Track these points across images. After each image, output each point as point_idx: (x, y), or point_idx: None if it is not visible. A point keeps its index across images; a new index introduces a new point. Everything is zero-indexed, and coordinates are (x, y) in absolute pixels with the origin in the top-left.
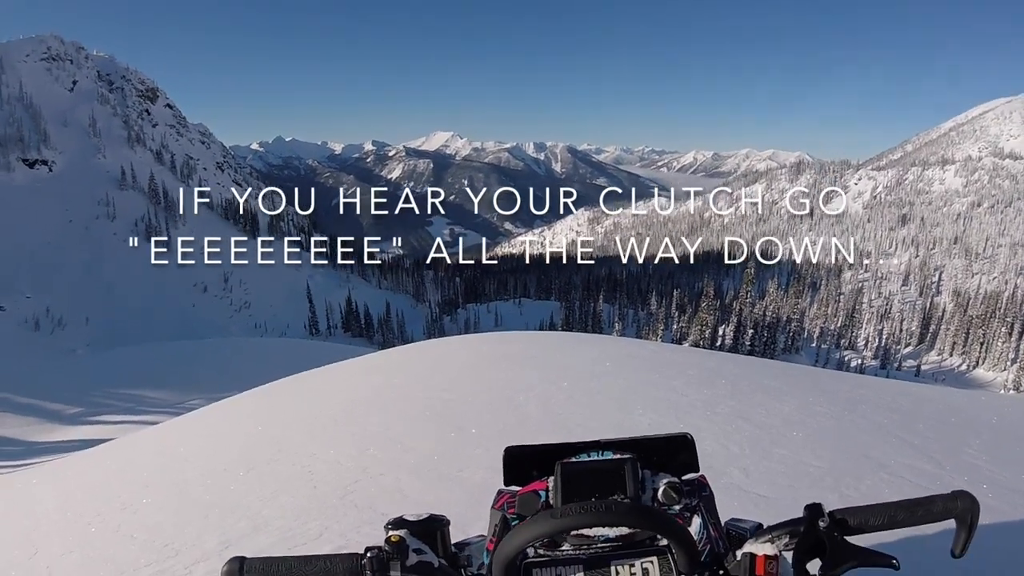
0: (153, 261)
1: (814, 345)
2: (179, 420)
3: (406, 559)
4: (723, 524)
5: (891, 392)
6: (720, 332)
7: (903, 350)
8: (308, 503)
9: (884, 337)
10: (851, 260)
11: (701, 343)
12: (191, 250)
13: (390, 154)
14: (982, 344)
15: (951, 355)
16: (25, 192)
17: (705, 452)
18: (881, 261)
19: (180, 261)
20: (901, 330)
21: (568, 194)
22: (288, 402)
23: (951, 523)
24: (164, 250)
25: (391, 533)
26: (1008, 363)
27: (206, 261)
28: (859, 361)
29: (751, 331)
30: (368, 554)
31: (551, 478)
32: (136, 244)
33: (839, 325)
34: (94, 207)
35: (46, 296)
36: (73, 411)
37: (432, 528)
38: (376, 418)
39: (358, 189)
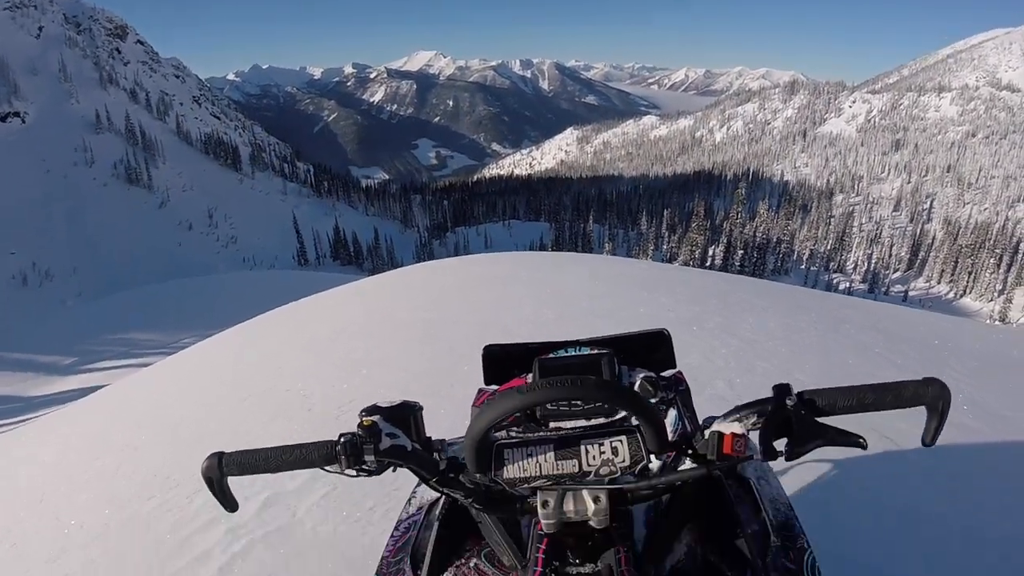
0: (135, 203)
1: (803, 267)
2: (172, 359)
3: (379, 443)
4: (701, 420)
5: (877, 313)
6: (710, 252)
7: (891, 275)
8: (304, 425)
9: (873, 262)
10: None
11: (691, 263)
12: (173, 188)
13: (371, 76)
14: (970, 274)
15: (939, 283)
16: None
17: (690, 365)
18: (873, 186)
19: (162, 200)
20: (890, 255)
21: (556, 112)
22: (279, 331)
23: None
24: (145, 191)
25: (364, 419)
26: (995, 294)
27: (189, 199)
28: (847, 284)
29: (741, 251)
30: (342, 440)
31: (529, 375)
32: (117, 188)
33: (828, 248)
34: (71, 154)
35: (31, 250)
36: (67, 362)
37: (405, 413)
38: (367, 341)
39: (340, 114)
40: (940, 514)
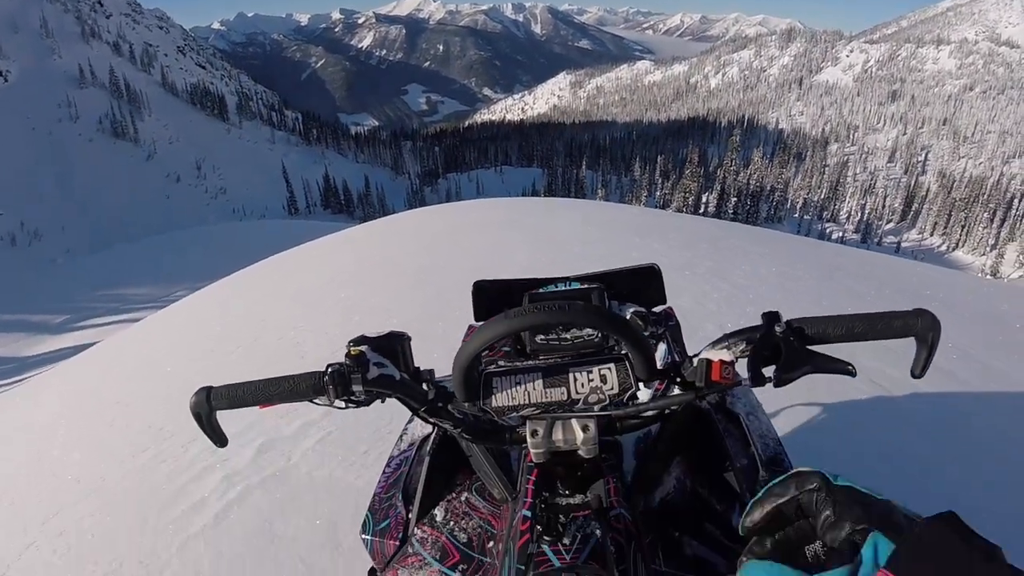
0: (122, 157)
1: (797, 216)
2: (163, 312)
3: (367, 373)
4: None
5: (869, 263)
6: (704, 199)
7: (884, 226)
8: (298, 371)
9: (867, 212)
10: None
11: (684, 209)
12: (160, 140)
13: (360, 22)
14: (963, 227)
15: (932, 235)
16: None
17: (682, 308)
18: (868, 136)
19: (149, 153)
20: (884, 206)
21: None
22: (270, 281)
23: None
24: (132, 144)
25: (351, 348)
26: (987, 248)
27: (176, 151)
28: (840, 234)
29: (734, 199)
30: (329, 370)
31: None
32: (103, 142)
33: (822, 197)
34: (55, 110)
35: (18, 210)
36: (59, 320)
37: (393, 343)
38: (359, 288)
39: (328, 60)
40: (927, 456)
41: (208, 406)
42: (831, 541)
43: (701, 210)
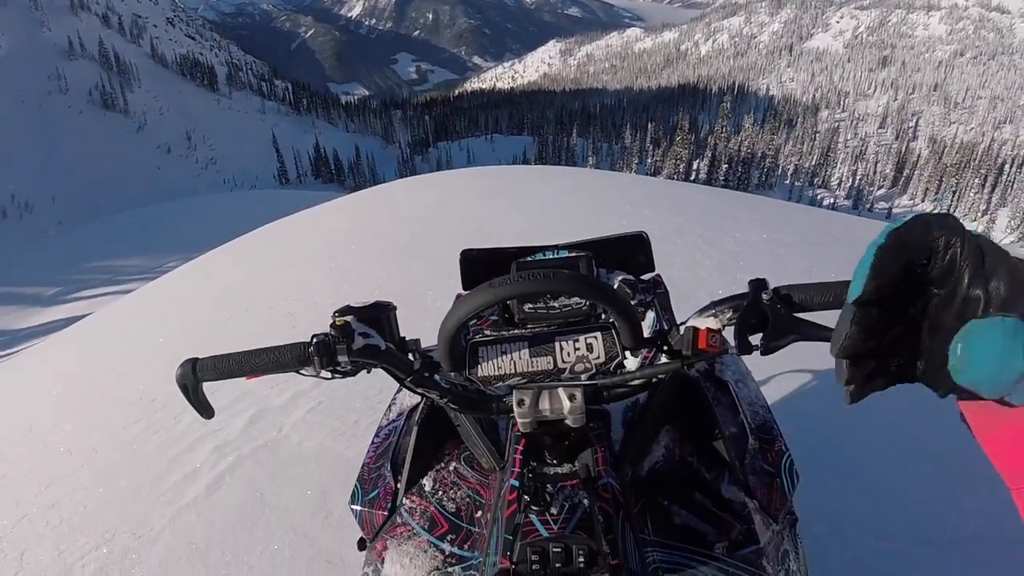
0: (112, 128)
1: (788, 182)
2: (154, 283)
3: (352, 343)
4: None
5: (860, 228)
6: (695, 166)
7: (876, 192)
8: (287, 342)
9: (858, 178)
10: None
11: (675, 176)
12: (150, 112)
13: None
14: (954, 193)
15: (923, 201)
16: None
17: (673, 276)
18: (859, 102)
19: (139, 124)
20: (875, 172)
21: (539, 25)
22: (261, 250)
23: None
24: (122, 115)
25: (336, 318)
26: (979, 214)
27: (166, 121)
28: (831, 200)
29: (725, 166)
30: (315, 340)
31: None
32: (93, 114)
33: (813, 163)
34: (45, 83)
35: (8, 182)
36: (51, 292)
37: (378, 313)
38: (349, 258)
39: (317, 30)
40: (918, 421)
41: (194, 377)
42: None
43: (692, 177)
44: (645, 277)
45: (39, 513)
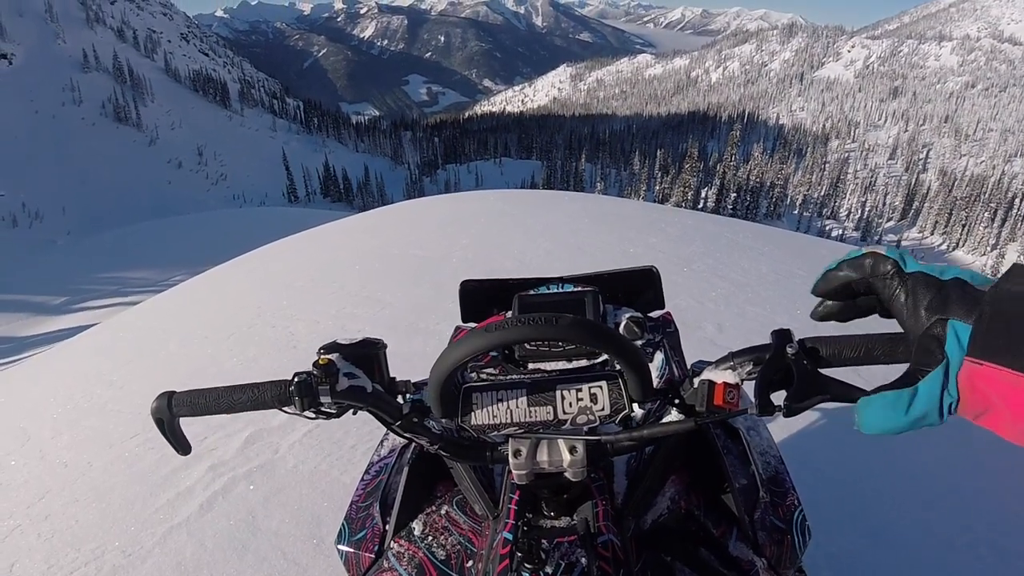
0: (124, 141)
1: (796, 212)
2: (160, 297)
3: (336, 384)
4: (689, 364)
5: None
6: (703, 194)
7: (884, 224)
8: (289, 363)
9: (867, 209)
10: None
11: (683, 204)
12: (162, 126)
13: (362, 12)
14: (964, 226)
15: (932, 234)
16: None
17: (680, 307)
18: (869, 133)
19: (151, 138)
20: (884, 204)
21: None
22: (267, 268)
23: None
24: (134, 129)
25: (320, 356)
26: (988, 248)
27: (178, 136)
28: (840, 231)
29: (734, 194)
30: (296, 379)
31: (509, 312)
32: (105, 126)
33: (822, 194)
34: (59, 94)
35: (20, 191)
36: (58, 301)
37: (366, 351)
38: (354, 278)
39: (330, 50)
40: (928, 457)
41: (170, 412)
42: (912, 329)
43: (700, 205)
44: (654, 314)
45: (32, 525)
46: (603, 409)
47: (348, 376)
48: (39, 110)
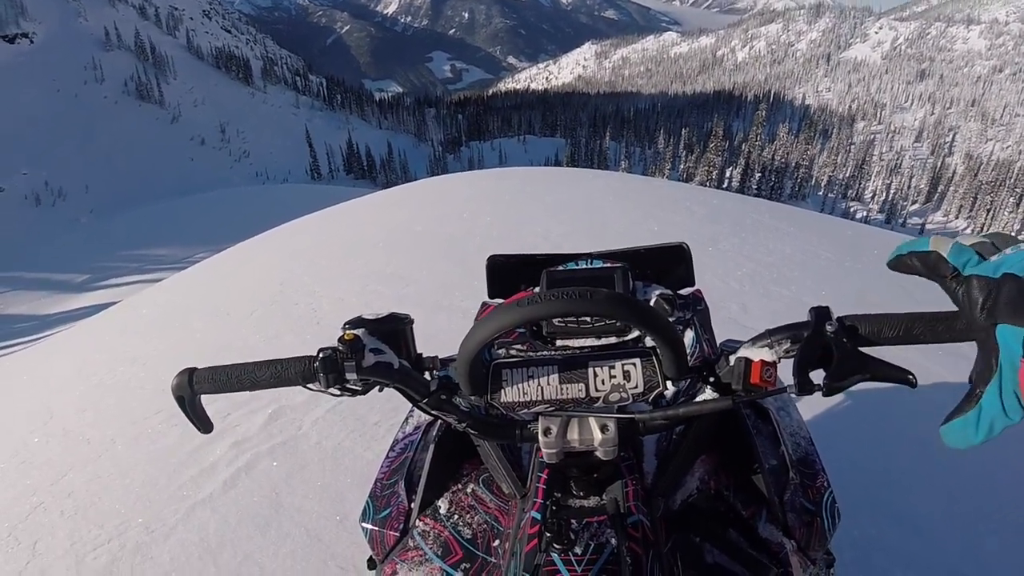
0: (146, 119)
1: (821, 193)
2: (183, 273)
3: (362, 360)
4: (719, 343)
5: (894, 243)
6: (727, 173)
7: (909, 207)
8: (312, 339)
9: (892, 192)
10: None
11: (708, 183)
12: (184, 103)
13: None
14: (988, 211)
15: (957, 218)
16: (9, 69)
17: (705, 286)
18: (895, 115)
19: (174, 116)
20: (909, 187)
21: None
22: (290, 244)
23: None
24: (157, 107)
25: (346, 331)
26: (1013, 233)
27: (200, 114)
28: (864, 213)
29: (759, 174)
30: (320, 355)
31: (537, 288)
32: (128, 104)
33: (847, 175)
34: (81, 72)
35: (43, 170)
36: (81, 279)
37: (393, 327)
38: (378, 255)
39: (353, 26)
40: (960, 458)
41: (190, 389)
42: (971, 335)
43: (724, 184)
44: (684, 292)
45: (54, 502)
46: (636, 387)
47: (374, 352)
48: (61, 89)
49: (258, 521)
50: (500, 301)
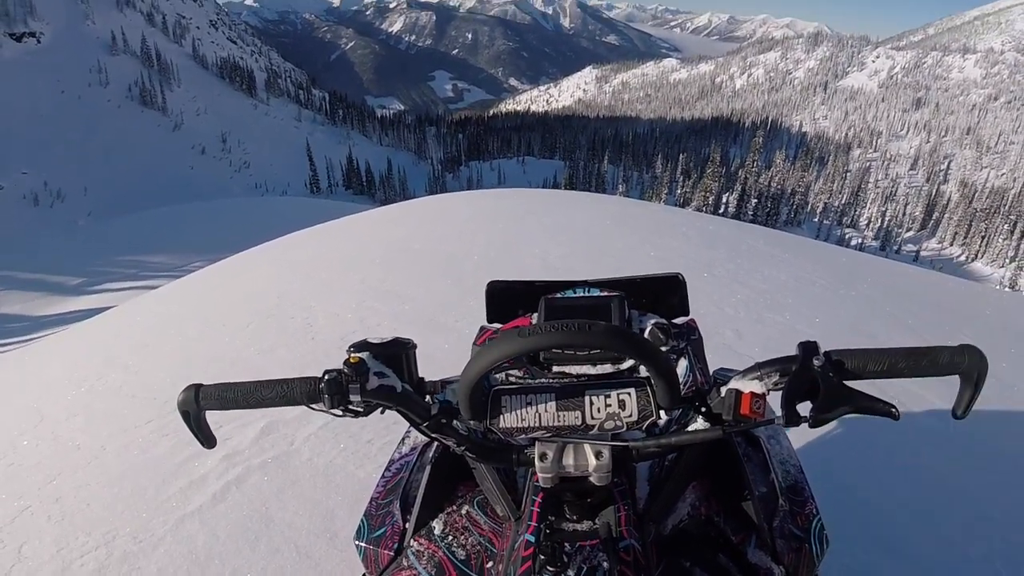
0: (148, 125)
1: (816, 220)
2: (179, 282)
3: (366, 382)
4: (711, 372)
5: (889, 271)
6: (724, 199)
7: (904, 234)
8: (306, 354)
9: (887, 219)
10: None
11: (704, 209)
12: (187, 111)
13: (391, 6)
14: (983, 238)
15: (951, 245)
16: (14, 67)
17: (699, 312)
18: (891, 143)
19: (176, 123)
20: (904, 214)
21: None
22: (287, 258)
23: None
24: (159, 113)
25: (351, 355)
26: (1007, 260)
27: (202, 122)
28: (859, 240)
29: (755, 200)
30: (326, 377)
31: (535, 315)
32: (130, 109)
33: (843, 202)
34: (86, 75)
35: (43, 170)
36: (76, 282)
37: (396, 351)
38: (375, 271)
39: (357, 43)
40: (946, 481)
41: (196, 405)
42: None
43: (721, 210)
44: (678, 321)
45: (42, 507)
46: (631, 415)
47: (378, 375)
48: (65, 90)
49: (248, 536)
50: (498, 326)
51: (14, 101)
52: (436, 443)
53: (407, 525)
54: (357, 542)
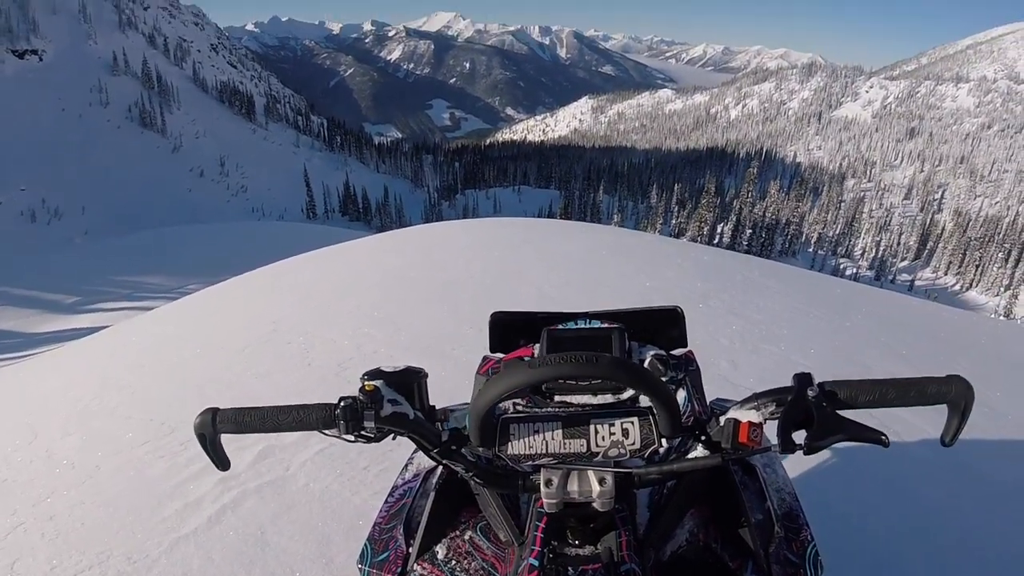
0: (147, 146)
1: (811, 250)
2: (176, 304)
3: (380, 409)
4: (708, 402)
5: (884, 301)
6: (719, 229)
7: (899, 263)
8: (302, 380)
9: (881, 249)
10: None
11: (699, 239)
12: (186, 134)
13: (390, 35)
14: (978, 267)
15: (946, 274)
16: (15, 83)
17: (695, 343)
18: (885, 172)
19: (175, 145)
20: (899, 243)
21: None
22: (284, 283)
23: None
24: (158, 135)
25: (366, 383)
26: (1001, 289)
27: (201, 145)
28: (854, 270)
29: (749, 231)
30: (342, 403)
31: (537, 345)
32: (130, 130)
33: (837, 232)
34: (86, 94)
35: (41, 187)
36: (71, 300)
37: (409, 380)
38: (372, 298)
39: (356, 70)
40: (938, 502)
41: (213, 428)
42: None
43: (716, 240)
44: (676, 352)
45: (35, 524)
46: (634, 443)
47: (392, 403)
48: (66, 108)
49: (243, 560)
50: (500, 356)
51: (15, 117)
52: (439, 469)
53: (411, 550)
54: (360, 566)
